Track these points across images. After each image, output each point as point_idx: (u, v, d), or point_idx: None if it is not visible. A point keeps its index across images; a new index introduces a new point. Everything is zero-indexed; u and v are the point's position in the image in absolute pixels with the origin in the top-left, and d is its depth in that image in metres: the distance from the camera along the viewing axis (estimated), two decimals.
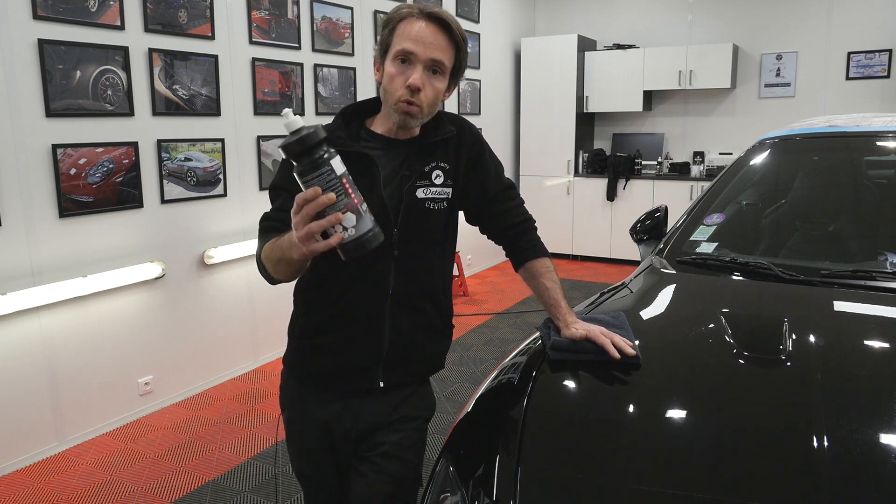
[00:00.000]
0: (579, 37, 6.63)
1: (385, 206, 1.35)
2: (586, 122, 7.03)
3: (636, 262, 2.38)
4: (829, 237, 2.13)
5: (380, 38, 1.35)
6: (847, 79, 6.01)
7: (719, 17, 6.46)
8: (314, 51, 4.23)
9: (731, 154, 6.32)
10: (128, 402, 3.29)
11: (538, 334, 1.58)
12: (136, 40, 3.18)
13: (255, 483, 2.73)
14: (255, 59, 3.81)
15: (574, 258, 7.00)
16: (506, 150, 6.95)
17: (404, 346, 1.44)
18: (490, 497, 1.17)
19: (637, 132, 6.99)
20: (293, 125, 1.05)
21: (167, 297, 3.45)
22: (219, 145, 3.64)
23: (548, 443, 1.26)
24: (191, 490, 2.69)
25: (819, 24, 6.05)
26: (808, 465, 1.08)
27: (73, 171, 2.95)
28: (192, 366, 3.61)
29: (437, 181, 1.41)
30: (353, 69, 4.55)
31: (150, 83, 3.26)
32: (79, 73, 2.94)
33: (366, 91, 4.65)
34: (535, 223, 1.56)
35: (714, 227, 2.17)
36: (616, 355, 1.37)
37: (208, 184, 3.61)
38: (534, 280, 1.51)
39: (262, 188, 3.92)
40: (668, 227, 2.40)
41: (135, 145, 3.20)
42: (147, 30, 3.21)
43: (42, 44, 2.80)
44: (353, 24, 4.53)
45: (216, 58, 3.57)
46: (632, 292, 1.87)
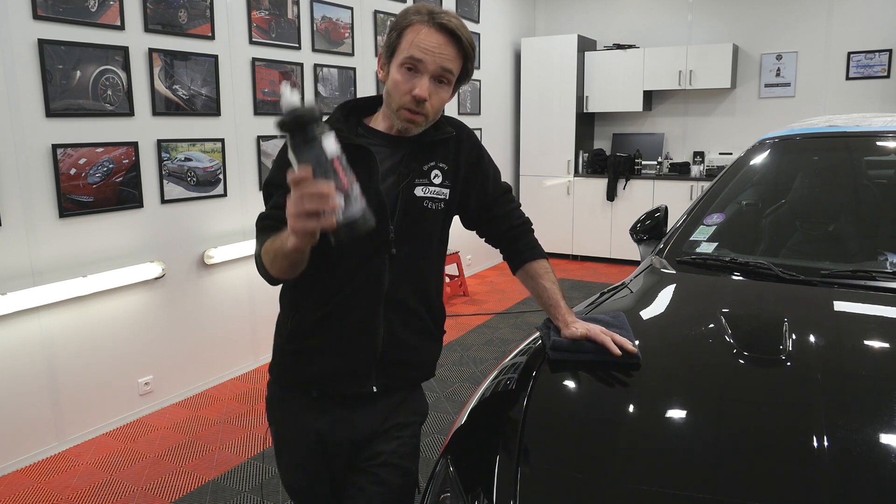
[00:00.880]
0: (579, 37, 6.63)
1: (382, 200, 1.33)
2: (586, 122, 7.03)
3: (636, 262, 2.38)
4: (829, 237, 2.13)
5: (387, 38, 1.33)
6: (847, 79, 6.01)
7: (719, 17, 6.46)
8: (314, 51, 4.23)
9: (731, 154, 6.32)
10: (128, 402, 3.29)
11: (538, 334, 1.58)
12: (136, 40, 3.18)
13: (255, 483, 2.73)
14: (255, 59, 3.81)
15: (574, 258, 7.00)
16: (506, 150, 6.95)
17: (398, 349, 1.41)
18: (490, 497, 1.17)
19: (637, 132, 6.98)
20: (290, 102, 1.03)
21: (167, 297, 3.45)
22: (219, 145, 3.64)
23: (548, 443, 1.26)
24: (191, 490, 2.69)
25: (819, 24, 6.05)
26: (808, 465, 1.08)
27: (73, 171, 2.96)
28: (192, 366, 3.61)
29: (436, 181, 1.40)
30: (353, 69, 4.55)
31: (150, 83, 3.26)
32: (79, 73, 2.94)
33: (366, 91, 4.65)
34: (532, 225, 1.55)
35: (714, 227, 2.17)
36: (617, 352, 1.37)
37: (208, 184, 3.61)
38: (532, 281, 1.51)
39: (261, 188, 3.91)
40: (668, 227, 2.40)
41: (135, 145, 3.20)
42: (147, 30, 3.21)
43: (42, 44, 2.80)
44: (353, 24, 4.53)
45: (216, 58, 3.57)
46: (632, 292, 1.87)
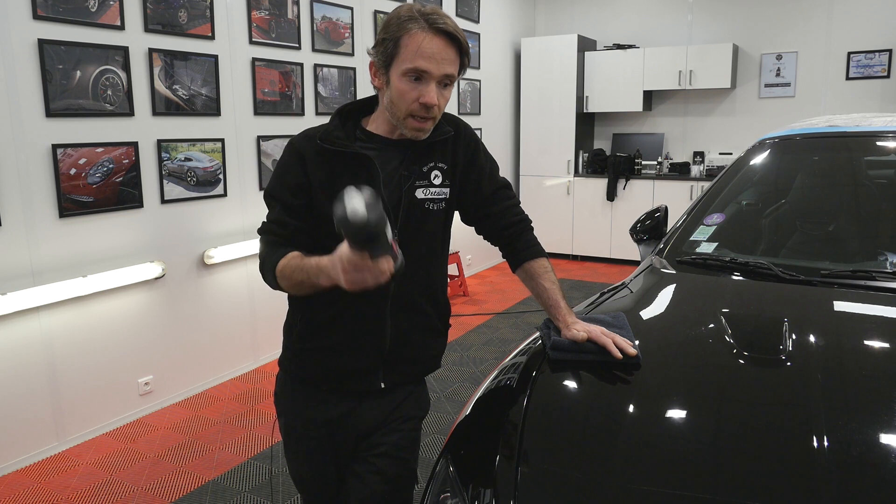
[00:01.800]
0: (579, 37, 6.63)
1: (386, 206, 1.34)
2: (586, 122, 7.03)
3: (636, 262, 2.38)
4: (829, 237, 2.13)
5: (381, 47, 1.30)
6: (847, 79, 6.01)
7: (719, 17, 6.46)
8: (314, 51, 4.23)
9: (731, 154, 6.32)
10: (128, 402, 3.29)
11: (538, 334, 1.58)
12: (136, 40, 3.18)
13: (255, 483, 2.73)
14: (255, 59, 3.81)
15: (574, 258, 7.00)
16: (506, 150, 6.95)
17: (405, 347, 1.44)
18: (490, 497, 1.17)
19: (637, 132, 6.98)
20: (357, 212, 1.02)
21: (167, 297, 3.45)
22: (219, 145, 3.64)
23: (548, 443, 1.26)
24: (191, 490, 2.69)
25: (819, 24, 6.05)
26: (808, 465, 1.08)
27: (73, 171, 2.95)
28: (192, 366, 3.61)
29: (436, 181, 1.41)
30: (353, 69, 4.55)
31: (150, 83, 3.26)
32: (79, 73, 2.94)
33: (366, 91, 4.65)
34: (532, 223, 1.55)
35: (714, 227, 2.17)
36: (618, 355, 1.37)
37: (208, 184, 3.61)
38: (532, 281, 1.51)
39: (262, 188, 3.92)
40: (668, 227, 2.40)
41: (135, 145, 3.20)
42: (147, 30, 3.21)
43: (42, 44, 2.80)
44: (353, 24, 4.53)
45: (216, 58, 3.57)
46: (632, 292, 1.87)
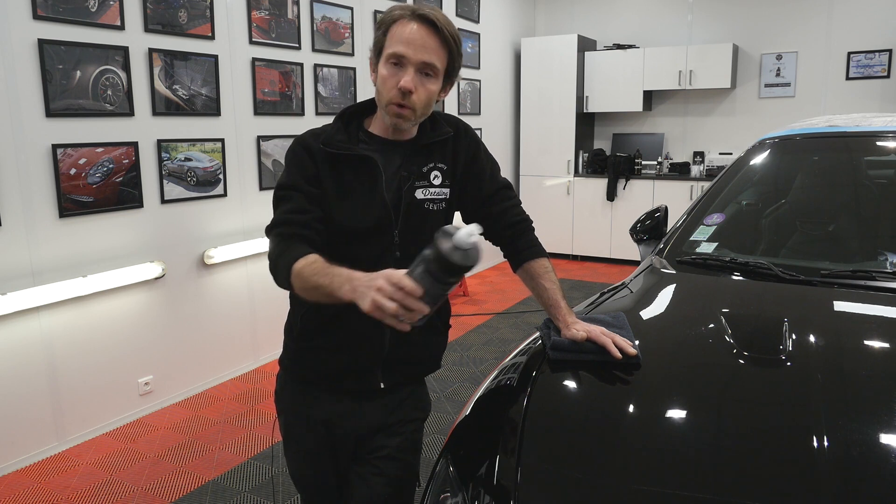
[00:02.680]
0: (579, 37, 6.63)
1: (388, 207, 1.35)
2: (586, 122, 7.03)
3: (636, 262, 2.38)
4: (829, 237, 2.13)
5: (374, 39, 1.35)
6: (847, 79, 6.01)
7: (719, 17, 6.46)
8: (314, 51, 4.23)
9: (731, 154, 6.32)
10: (128, 402, 3.29)
11: (538, 334, 1.58)
12: (136, 40, 3.18)
13: (255, 483, 2.73)
14: (255, 59, 3.81)
15: (574, 258, 7.00)
16: (506, 150, 6.95)
17: (405, 347, 1.44)
18: (490, 497, 1.17)
19: (637, 132, 6.98)
20: (475, 249, 1.02)
21: (167, 297, 3.45)
22: (219, 145, 3.64)
23: (548, 443, 1.26)
24: (191, 490, 2.69)
25: (819, 24, 6.05)
26: (808, 466, 1.08)
27: (73, 171, 2.95)
28: (192, 366, 3.61)
29: (436, 182, 1.41)
30: (353, 69, 4.55)
31: (150, 83, 3.26)
32: (79, 73, 2.94)
33: (366, 91, 4.64)
34: (533, 223, 1.55)
35: (714, 227, 2.17)
36: (618, 355, 1.37)
37: (208, 184, 3.61)
38: (532, 281, 1.51)
39: (262, 188, 3.92)
40: (668, 227, 2.40)
41: (135, 145, 3.20)
42: (147, 30, 3.21)
43: (42, 44, 2.80)
44: (353, 24, 4.53)
45: (216, 58, 3.57)
46: (632, 292, 1.87)
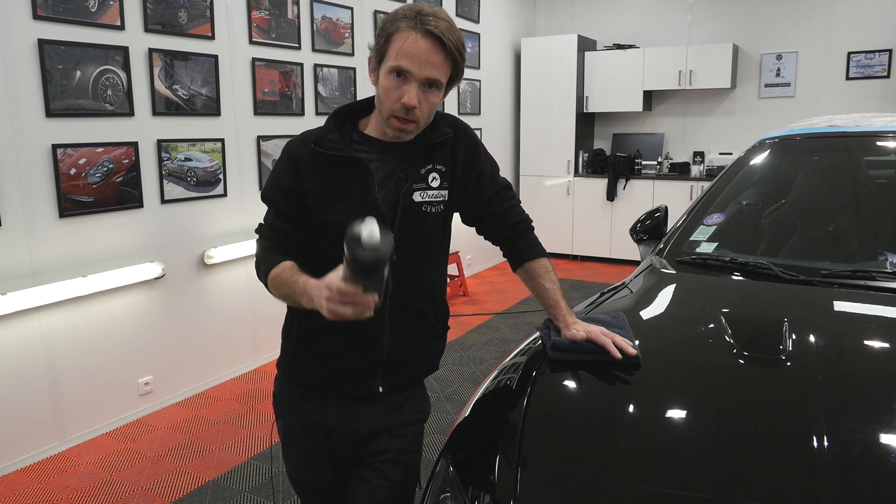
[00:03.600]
0: (579, 37, 6.62)
1: (381, 210, 1.33)
2: (586, 122, 7.03)
3: (636, 262, 2.38)
4: (829, 237, 2.13)
5: (376, 41, 1.32)
6: (847, 79, 6.01)
7: (719, 17, 6.46)
8: (314, 51, 4.23)
9: (731, 154, 6.32)
10: (128, 402, 3.29)
11: (538, 334, 1.58)
12: (136, 40, 3.18)
13: (255, 483, 2.73)
14: (255, 59, 3.81)
15: (574, 258, 7.00)
16: (506, 150, 6.95)
17: (403, 350, 1.43)
18: (490, 497, 1.17)
19: (637, 132, 6.98)
20: (373, 236, 1.04)
21: (167, 297, 3.45)
22: (219, 145, 3.64)
23: (548, 443, 1.26)
24: (191, 490, 2.69)
25: (819, 24, 6.05)
26: (808, 466, 1.08)
27: (73, 171, 2.95)
28: (192, 366, 3.61)
29: (434, 184, 1.39)
30: (353, 69, 4.55)
31: (150, 83, 3.26)
32: (79, 73, 2.94)
33: (366, 91, 4.64)
34: (533, 223, 1.55)
35: (714, 227, 2.17)
36: (618, 355, 1.37)
37: (208, 184, 3.61)
38: (533, 281, 1.50)
39: (262, 188, 3.91)
40: (668, 227, 2.40)
41: (135, 145, 3.20)
42: (147, 30, 3.21)
43: (42, 44, 2.80)
44: (353, 24, 4.53)
45: (216, 58, 3.57)
46: (632, 292, 1.87)
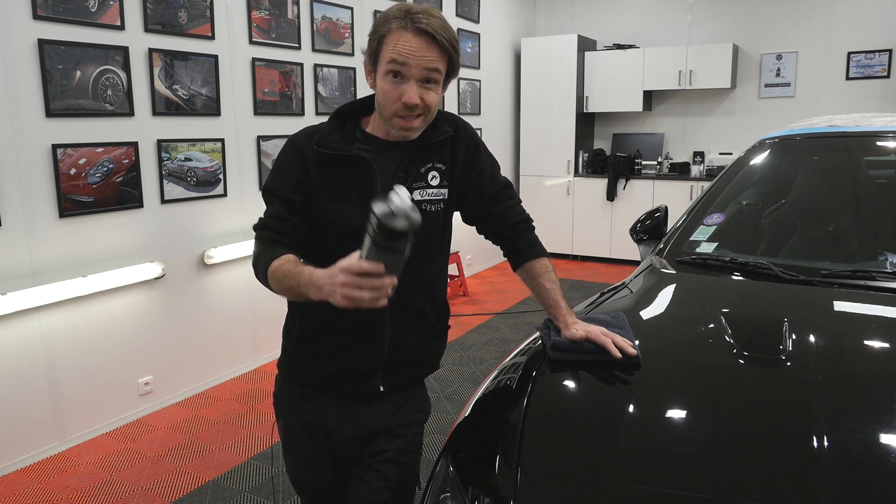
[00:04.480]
0: (579, 37, 6.62)
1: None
2: (586, 122, 7.03)
3: (636, 262, 2.38)
4: (829, 237, 2.13)
5: (369, 44, 1.31)
6: (847, 79, 6.01)
7: (719, 17, 6.46)
8: (314, 51, 4.23)
9: (731, 154, 6.32)
10: (128, 402, 3.29)
11: (538, 334, 1.58)
12: (136, 40, 3.18)
13: (255, 483, 2.73)
14: (255, 59, 3.81)
15: (574, 258, 7.00)
16: (506, 150, 6.95)
17: (404, 350, 1.43)
18: (490, 497, 1.17)
19: (637, 132, 6.98)
20: (405, 203, 1.00)
21: (167, 297, 3.45)
22: (219, 145, 3.64)
23: (548, 443, 1.26)
24: (191, 490, 2.69)
25: (819, 24, 6.05)
26: (808, 466, 1.08)
27: (73, 171, 2.95)
28: (192, 366, 3.61)
29: (434, 182, 1.39)
30: (353, 69, 4.55)
31: (150, 83, 3.25)
32: (79, 73, 2.94)
33: (366, 91, 4.61)
34: (533, 223, 1.55)
35: (714, 227, 2.17)
36: (618, 355, 1.37)
37: (208, 184, 3.61)
38: (533, 281, 1.50)
39: (261, 190, 3.91)
40: (668, 227, 2.40)
41: (135, 145, 3.20)
42: (147, 30, 3.21)
43: (42, 44, 2.79)
44: (353, 24, 4.53)
45: (216, 58, 3.57)
46: (632, 292, 1.87)
